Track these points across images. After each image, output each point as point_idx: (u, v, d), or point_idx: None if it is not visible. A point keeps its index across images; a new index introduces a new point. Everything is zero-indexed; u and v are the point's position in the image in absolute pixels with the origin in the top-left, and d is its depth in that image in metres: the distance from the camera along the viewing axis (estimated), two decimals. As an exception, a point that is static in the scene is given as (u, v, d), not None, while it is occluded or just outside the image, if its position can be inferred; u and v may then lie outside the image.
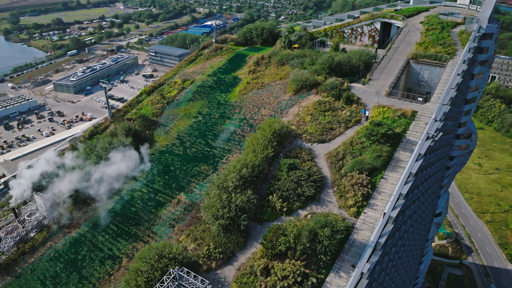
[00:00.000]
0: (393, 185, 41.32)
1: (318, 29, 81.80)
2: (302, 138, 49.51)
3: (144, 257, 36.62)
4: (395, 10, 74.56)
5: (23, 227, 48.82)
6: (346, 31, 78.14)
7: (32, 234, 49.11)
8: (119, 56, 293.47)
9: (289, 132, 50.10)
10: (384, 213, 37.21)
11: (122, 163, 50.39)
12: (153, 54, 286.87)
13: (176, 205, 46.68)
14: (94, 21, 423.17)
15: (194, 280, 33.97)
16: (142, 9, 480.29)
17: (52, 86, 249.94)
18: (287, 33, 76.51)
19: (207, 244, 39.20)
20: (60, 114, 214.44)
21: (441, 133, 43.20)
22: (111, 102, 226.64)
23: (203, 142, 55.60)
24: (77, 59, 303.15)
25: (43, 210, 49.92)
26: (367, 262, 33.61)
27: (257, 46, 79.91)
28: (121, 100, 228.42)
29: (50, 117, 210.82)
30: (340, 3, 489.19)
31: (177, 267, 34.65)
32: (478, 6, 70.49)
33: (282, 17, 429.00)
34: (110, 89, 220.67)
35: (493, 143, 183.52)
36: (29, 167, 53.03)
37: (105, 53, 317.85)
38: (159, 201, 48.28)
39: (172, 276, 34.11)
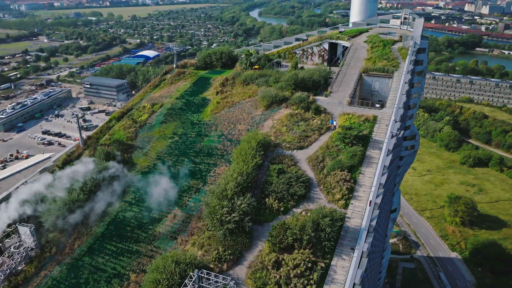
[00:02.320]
0: (370, 179, 47.37)
1: (271, 51, 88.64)
2: (282, 146, 54.31)
3: (160, 267, 38.28)
4: (340, 32, 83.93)
5: (12, 259, 47.27)
6: (297, 52, 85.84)
7: (20, 267, 47.65)
8: (51, 90, 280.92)
9: (270, 142, 54.69)
10: (370, 201, 42.88)
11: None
12: (88, 86, 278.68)
13: (173, 219, 48.54)
14: (17, 55, 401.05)
15: (216, 279, 36.50)
16: (69, 42, 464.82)
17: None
18: (243, 55, 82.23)
19: (216, 249, 41.76)
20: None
21: (403, 131, 50.60)
22: (49, 137, 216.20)
23: (185, 160, 58.05)
24: (2, 95, 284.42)
25: (30, 241, 48.82)
26: (365, 242, 38.71)
27: (217, 69, 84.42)
28: (58, 134, 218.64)
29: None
30: (268, 30, 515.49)
31: (196, 270, 36.97)
32: (408, 26, 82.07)
33: (214, 44, 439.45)
34: (82, 116, 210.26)
35: (421, 148, 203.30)
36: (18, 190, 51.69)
37: (34, 87, 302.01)
38: (154, 217, 49.72)
39: (194, 279, 36.33)
